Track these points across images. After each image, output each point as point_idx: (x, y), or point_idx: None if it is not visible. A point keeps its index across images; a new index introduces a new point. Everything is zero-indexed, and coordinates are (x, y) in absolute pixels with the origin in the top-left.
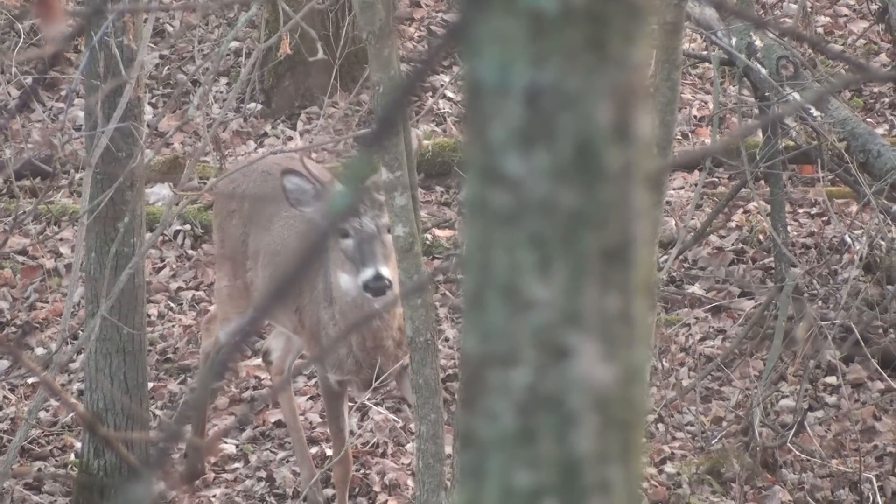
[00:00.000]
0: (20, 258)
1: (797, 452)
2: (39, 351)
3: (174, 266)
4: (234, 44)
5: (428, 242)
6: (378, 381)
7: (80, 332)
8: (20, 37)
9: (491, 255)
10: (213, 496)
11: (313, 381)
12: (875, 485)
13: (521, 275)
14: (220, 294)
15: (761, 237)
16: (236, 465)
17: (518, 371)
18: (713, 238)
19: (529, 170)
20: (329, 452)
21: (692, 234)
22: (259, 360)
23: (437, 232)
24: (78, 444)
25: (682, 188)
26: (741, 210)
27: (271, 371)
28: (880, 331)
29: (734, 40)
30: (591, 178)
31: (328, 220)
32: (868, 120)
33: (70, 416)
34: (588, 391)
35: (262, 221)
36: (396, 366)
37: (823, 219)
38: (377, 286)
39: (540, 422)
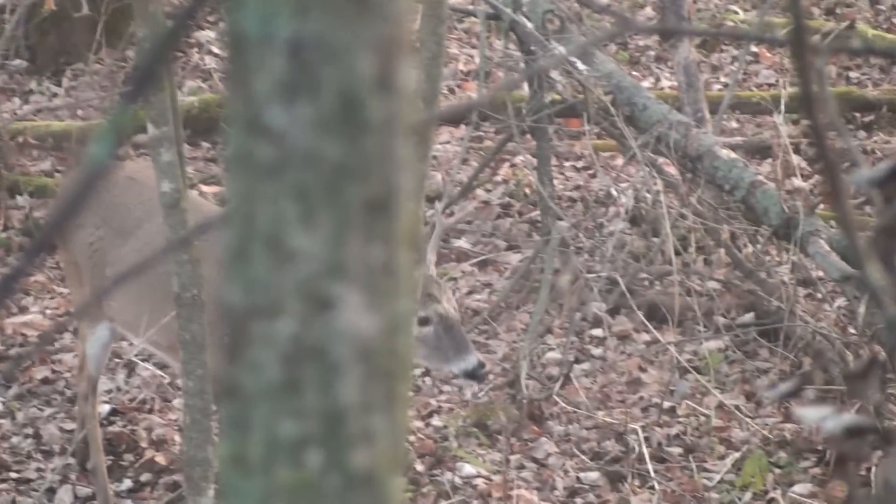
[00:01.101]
0: None
1: (563, 405)
2: None
3: None
4: None
5: None
6: None
7: None
8: None
9: (254, 207)
10: None
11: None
12: (641, 435)
13: (285, 226)
14: (73, 300)
15: (527, 191)
16: (2, 421)
17: (282, 322)
18: (480, 192)
19: (293, 122)
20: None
21: (459, 188)
22: (25, 318)
23: (204, 188)
24: None
25: (448, 142)
26: (507, 164)
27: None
28: (646, 283)
29: None
30: (354, 129)
31: (88, 172)
32: (634, 73)
33: None
34: (352, 341)
35: (126, 228)
36: None
37: (589, 172)
38: (482, 374)
39: (304, 372)
